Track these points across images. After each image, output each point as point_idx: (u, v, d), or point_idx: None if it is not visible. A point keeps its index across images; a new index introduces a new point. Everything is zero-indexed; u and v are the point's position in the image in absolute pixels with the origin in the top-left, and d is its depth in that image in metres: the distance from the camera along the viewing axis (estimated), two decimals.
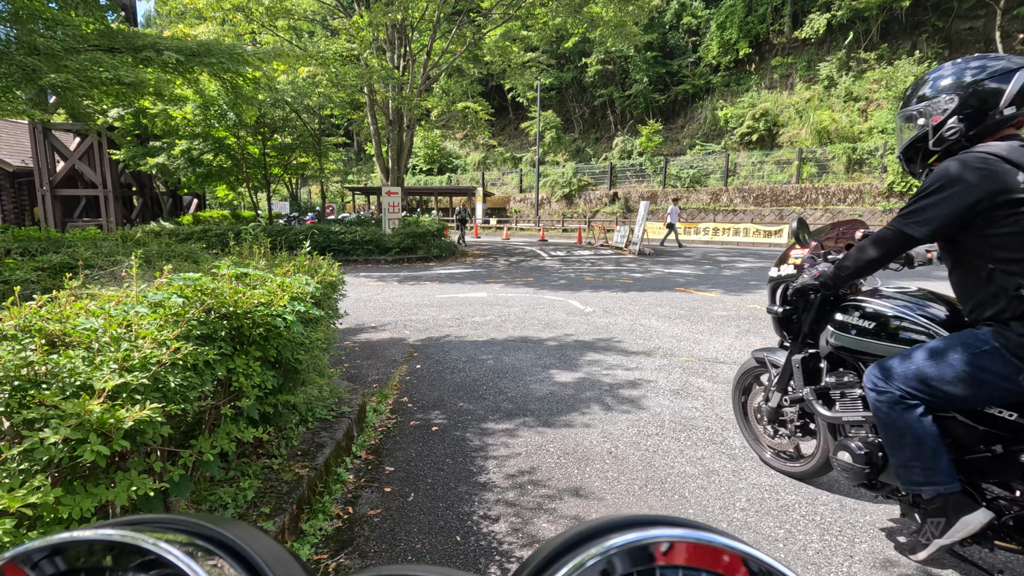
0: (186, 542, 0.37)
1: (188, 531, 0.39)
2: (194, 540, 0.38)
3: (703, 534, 0.35)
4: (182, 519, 0.40)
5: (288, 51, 9.70)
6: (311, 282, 2.46)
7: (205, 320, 1.75)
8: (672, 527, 0.36)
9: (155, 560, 0.34)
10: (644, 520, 0.38)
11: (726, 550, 0.34)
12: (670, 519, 0.38)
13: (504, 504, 2.62)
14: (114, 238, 4.39)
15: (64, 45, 5.08)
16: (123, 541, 0.35)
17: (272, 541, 0.41)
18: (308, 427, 3.10)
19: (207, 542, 0.38)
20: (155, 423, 1.33)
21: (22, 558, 0.34)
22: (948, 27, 24.44)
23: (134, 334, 1.48)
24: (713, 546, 0.35)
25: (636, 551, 0.35)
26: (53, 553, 0.35)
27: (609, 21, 15.76)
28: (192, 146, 15.37)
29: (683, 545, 0.35)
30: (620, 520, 0.38)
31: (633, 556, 0.35)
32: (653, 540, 0.35)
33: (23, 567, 0.34)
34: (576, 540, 0.37)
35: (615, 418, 3.72)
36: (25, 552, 0.35)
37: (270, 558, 0.38)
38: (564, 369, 4.88)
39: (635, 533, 0.36)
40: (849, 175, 22.43)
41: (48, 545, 0.35)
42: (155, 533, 0.36)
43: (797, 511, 2.53)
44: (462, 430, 3.54)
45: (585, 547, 0.36)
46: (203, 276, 1.86)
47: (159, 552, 0.34)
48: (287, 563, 0.39)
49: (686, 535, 0.35)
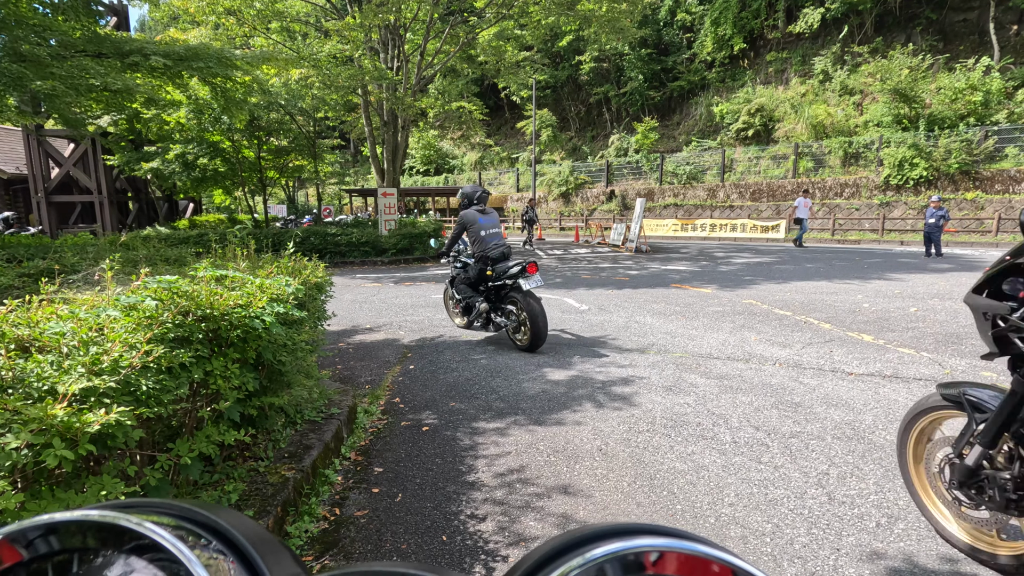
0: (175, 525, 0.37)
1: (178, 515, 0.39)
2: (183, 524, 0.38)
3: (689, 544, 0.35)
4: (173, 504, 0.40)
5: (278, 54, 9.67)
6: (292, 283, 2.45)
7: (181, 323, 1.73)
8: (658, 536, 0.36)
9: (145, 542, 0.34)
10: (630, 529, 0.37)
11: (713, 561, 0.34)
12: (656, 528, 0.37)
13: (492, 503, 2.61)
14: (102, 243, 4.37)
15: (50, 51, 5.05)
16: (114, 523, 0.35)
17: (260, 527, 0.41)
18: (296, 429, 3.09)
19: (196, 526, 0.38)
20: (125, 427, 1.32)
21: (15, 535, 0.35)
22: (942, 19, 24.43)
23: (105, 337, 1.47)
24: (699, 556, 0.34)
25: (620, 561, 0.34)
26: (46, 532, 0.35)
27: (602, 18, 15.73)
28: (187, 150, 15.34)
29: (669, 555, 0.34)
30: (605, 529, 0.38)
31: (617, 566, 0.34)
32: (638, 550, 0.34)
33: (16, 545, 0.35)
34: (559, 550, 0.36)
35: (606, 415, 3.71)
36: (19, 530, 0.35)
37: (258, 543, 0.38)
38: (557, 367, 4.87)
39: (620, 543, 0.35)
40: (845, 169, 22.42)
41: (41, 524, 0.35)
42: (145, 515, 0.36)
43: (785, 505, 2.52)
44: (453, 430, 3.53)
45: (568, 557, 0.35)
46: (179, 279, 1.84)
47: (148, 533, 0.34)
48: (275, 548, 0.39)
49: (671, 545, 0.35)
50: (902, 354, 5.00)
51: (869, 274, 10.46)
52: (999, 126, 19.12)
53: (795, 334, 5.80)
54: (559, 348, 5.49)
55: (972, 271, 10.64)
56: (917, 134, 20.08)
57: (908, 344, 5.33)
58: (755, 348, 5.30)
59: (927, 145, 19.67)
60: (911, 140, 19.84)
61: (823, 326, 6.15)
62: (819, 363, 4.78)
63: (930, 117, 20.22)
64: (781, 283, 9.54)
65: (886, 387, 4.15)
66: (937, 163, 19.38)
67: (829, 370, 4.60)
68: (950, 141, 19.24)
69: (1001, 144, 19.10)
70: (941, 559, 2.12)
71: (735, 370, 4.63)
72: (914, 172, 19.68)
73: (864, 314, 6.73)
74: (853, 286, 9.00)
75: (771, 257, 14.28)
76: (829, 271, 11.08)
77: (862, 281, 9.56)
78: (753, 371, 4.59)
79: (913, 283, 9.18)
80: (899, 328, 5.97)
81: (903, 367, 4.63)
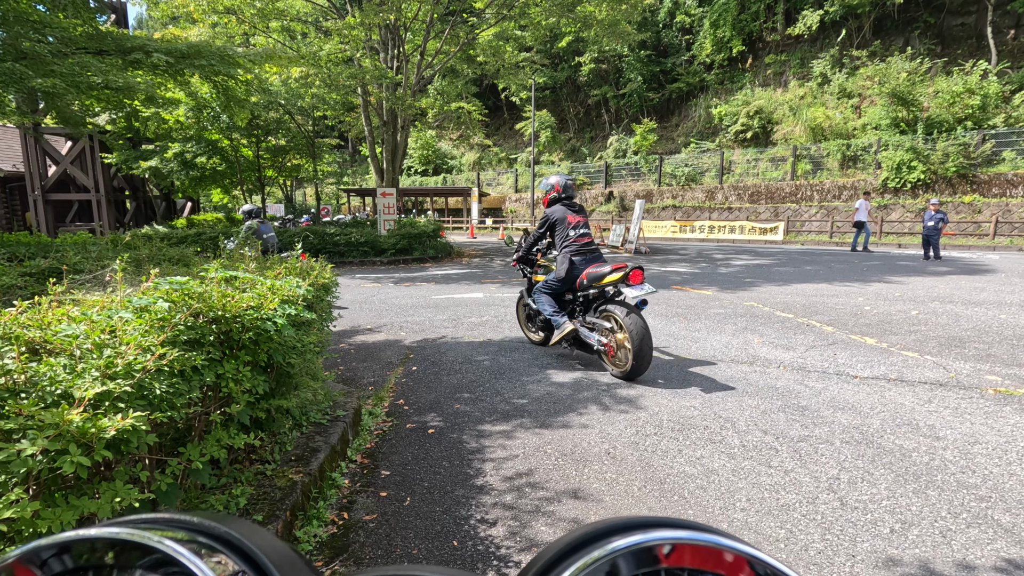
0: (190, 539, 0.37)
1: (192, 528, 0.39)
2: (198, 537, 0.38)
3: (706, 536, 0.35)
4: (186, 517, 0.40)
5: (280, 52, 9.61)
6: (302, 284, 2.41)
7: (192, 325, 1.70)
8: (675, 529, 0.36)
9: (161, 558, 0.34)
10: (647, 522, 0.38)
11: (730, 551, 0.34)
12: (673, 521, 0.38)
13: (502, 507, 2.58)
14: (104, 242, 4.33)
15: (51, 49, 4.99)
16: (129, 539, 0.35)
17: (275, 538, 0.41)
18: (302, 431, 3.06)
19: (211, 539, 0.38)
20: (139, 432, 1.29)
21: (29, 556, 0.35)
22: (940, 23, 24.55)
23: (118, 340, 1.44)
24: (717, 547, 0.35)
25: (640, 553, 0.35)
26: (60, 551, 0.35)
27: (602, 20, 15.73)
28: (185, 149, 15.29)
29: (686, 547, 0.35)
30: (623, 522, 0.38)
31: (636, 558, 0.35)
32: (656, 542, 0.35)
33: (30, 566, 0.35)
34: (579, 542, 0.37)
35: (613, 418, 3.69)
36: (32, 550, 0.35)
37: (274, 555, 0.38)
38: (561, 369, 4.84)
39: (638, 535, 0.36)
40: (844, 171, 22.48)
41: (55, 543, 0.35)
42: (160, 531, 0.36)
43: (798, 510, 2.50)
44: (459, 432, 3.50)
45: (588, 549, 0.36)
46: (191, 280, 1.81)
47: (164, 549, 0.34)
48: (291, 560, 0.39)
49: (689, 537, 0.35)
50: (906, 357, 5.00)
51: (869, 277, 10.48)
52: (996, 130, 19.20)
53: (798, 337, 5.79)
54: (562, 350, 5.47)
55: (972, 274, 10.67)
56: (915, 137, 20.15)
57: (911, 347, 5.33)
58: (759, 351, 5.29)
59: (925, 148, 19.74)
60: (909, 143, 19.91)
61: (825, 329, 6.14)
62: (823, 366, 4.77)
63: (928, 120, 20.29)
64: (781, 285, 9.54)
65: (892, 391, 4.14)
66: (935, 166, 19.46)
67: (834, 373, 4.59)
68: (948, 144, 19.32)
69: (998, 148, 19.18)
70: (958, 566, 2.10)
71: (739, 373, 4.61)
72: (912, 175, 19.75)
73: (866, 317, 6.73)
74: (854, 288, 9.01)
75: (770, 259, 14.30)
76: (829, 273, 11.09)
77: (862, 284, 9.57)
78: (758, 374, 4.58)
79: (913, 286, 9.20)
80: (901, 331, 5.97)
81: (907, 370, 4.62)
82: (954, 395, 4.03)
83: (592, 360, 5.08)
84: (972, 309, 7.08)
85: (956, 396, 4.00)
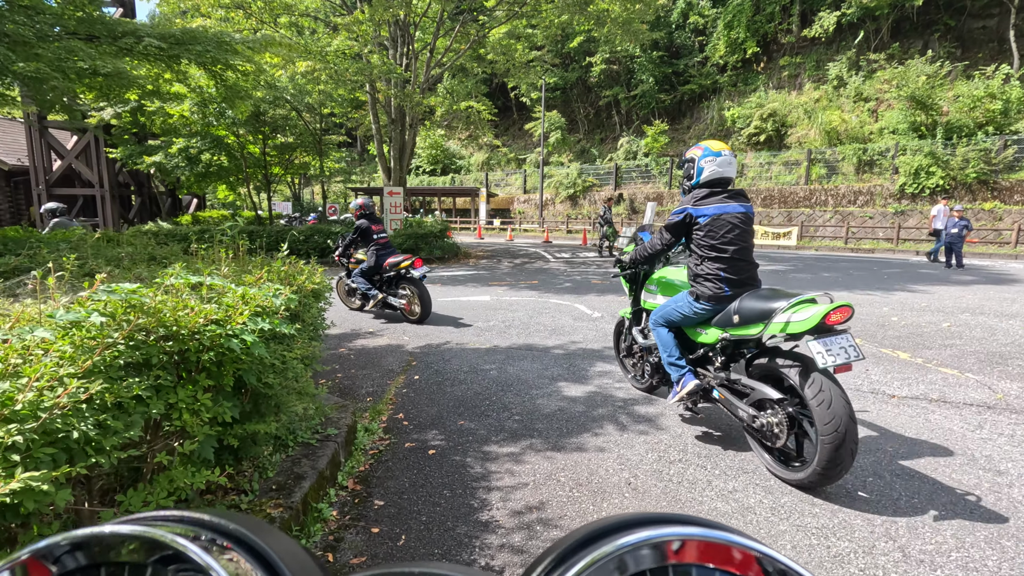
0: (203, 537, 0.37)
1: (205, 526, 0.38)
2: (210, 535, 0.37)
3: (716, 532, 0.35)
4: (199, 515, 0.39)
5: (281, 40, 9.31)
6: (283, 292, 2.09)
7: (137, 344, 1.39)
8: (685, 525, 0.36)
9: (173, 554, 0.34)
10: (657, 518, 0.37)
11: (739, 548, 0.34)
12: (684, 517, 0.37)
13: (509, 551, 2.25)
14: (87, 238, 4.04)
15: (37, 32, 4.71)
16: (142, 536, 0.35)
17: (287, 537, 0.41)
18: (288, 453, 2.75)
19: (223, 537, 0.38)
20: (38, 493, 0.97)
21: (43, 552, 0.35)
22: (960, 26, 23.99)
23: (21, 369, 1.13)
24: (726, 544, 0.34)
25: (649, 549, 0.34)
26: (73, 548, 0.35)
27: (616, 18, 15.37)
28: (190, 144, 15.06)
29: (696, 543, 0.34)
30: (633, 517, 0.38)
31: (646, 554, 0.34)
32: (666, 538, 0.34)
33: (44, 562, 0.34)
34: (589, 537, 0.37)
35: (632, 440, 3.36)
36: (46, 547, 0.35)
37: (284, 553, 0.38)
38: (573, 381, 4.51)
39: (648, 531, 0.35)
40: (859, 176, 21.99)
41: (69, 540, 0.35)
42: (172, 528, 0.36)
43: (854, 563, 2.15)
44: (462, 454, 3.18)
45: (598, 544, 0.35)
46: (141, 287, 1.50)
47: (177, 546, 0.34)
48: (301, 558, 0.39)
49: (699, 533, 0.35)
50: (945, 375, 4.63)
51: (891, 285, 10.06)
52: (1019, 135, 18.67)
53: None
54: (573, 359, 5.13)
55: (998, 284, 10.24)
56: (934, 142, 19.65)
57: (949, 364, 4.96)
58: None
59: (944, 153, 19.24)
60: (928, 148, 19.41)
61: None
62: (856, 383, 4.40)
63: (947, 125, 19.79)
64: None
65: (936, 413, 3.78)
66: (954, 172, 18.96)
67: (868, 391, 4.23)
68: (968, 150, 18.81)
69: (1021, 154, 18.65)
70: None
71: None
72: (930, 181, 19.25)
73: (894, 328, 6.35)
74: (876, 297, 8.61)
75: (785, 265, 13.88)
76: (848, 281, 10.68)
77: (885, 292, 9.17)
78: None
79: (939, 295, 8.79)
80: (935, 345, 5.60)
81: (949, 390, 4.25)
82: (1006, 420, 3.66)
83: (606, 373, 4.74)
84: (1007, 322, 6.68)
85: (1009, 421, 3.63)
